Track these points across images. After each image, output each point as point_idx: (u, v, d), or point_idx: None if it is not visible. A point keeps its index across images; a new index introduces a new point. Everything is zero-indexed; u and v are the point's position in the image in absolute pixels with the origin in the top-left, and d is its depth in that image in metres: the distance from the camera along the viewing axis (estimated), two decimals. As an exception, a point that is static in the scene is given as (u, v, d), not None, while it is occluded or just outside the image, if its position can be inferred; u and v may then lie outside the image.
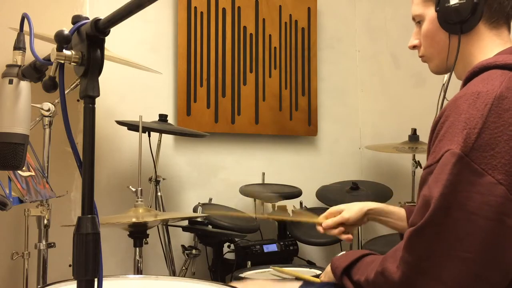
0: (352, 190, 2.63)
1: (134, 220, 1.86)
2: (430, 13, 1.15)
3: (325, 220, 1.42)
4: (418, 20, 1.19)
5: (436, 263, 0.92)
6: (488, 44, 1.10)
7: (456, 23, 1.09)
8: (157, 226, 2.26)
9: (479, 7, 1.07)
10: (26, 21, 0.96)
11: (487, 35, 1.10)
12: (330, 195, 2.67)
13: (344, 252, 1.26)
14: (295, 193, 2.66)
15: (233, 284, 1.40)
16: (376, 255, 1.15)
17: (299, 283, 1.34)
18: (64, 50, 0.78)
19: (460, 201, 0.90)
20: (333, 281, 1.23)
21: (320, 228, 1.43)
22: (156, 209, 2.25)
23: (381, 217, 1.42)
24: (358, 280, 1.09)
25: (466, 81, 1.05)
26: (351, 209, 1.40)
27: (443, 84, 1.19)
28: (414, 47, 1.22)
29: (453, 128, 0.94)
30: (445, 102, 1.04)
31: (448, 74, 1.16)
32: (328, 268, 1.28)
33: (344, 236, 1.41)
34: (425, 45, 1.19)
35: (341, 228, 1.40)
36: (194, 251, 2.26)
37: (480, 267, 0.90)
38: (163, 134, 2.34)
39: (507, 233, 0.89)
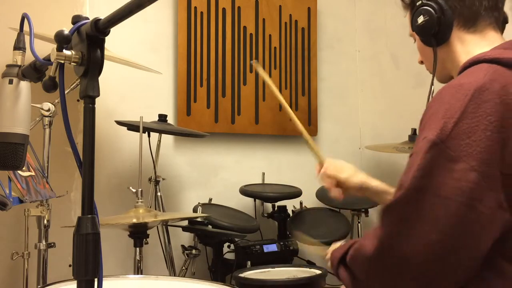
0: (352, 190, 2.62)
1: (134, 220, 1.86)
2: None
3: (328, 165, 1.45)
4: (414, 40, 1.27)
5: (404, 241, 0.94)
6: (474, 48, 1.12)
7: (430, 37, 1.16)
8: (157, 226, 2.26)
9: (445, 18, 1.13)
10: (26, 21, 0.96)
11: (470, 39, 1.14)
12: (330, 195, 2.67)
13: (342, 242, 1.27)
14: (295, 193, 2.66)
15: None
16: None
17: None
18: (64, 50, 0.78)
19: (433, 185, 0.92)
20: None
21: (318, 168, 1.48)
22: (156, 209, 2.25)
23: (377, 197, 1.43)
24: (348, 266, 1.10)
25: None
26: (354, 177, 1.42)
27: (430, 93, 1.24)
28: (421, 62, 1.29)
29: (433, 118, 0.96)
30: None
31: (431, 84, 1.23)
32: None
33: (334, 191, 1.43)
34: (423, 60, 1.27)
35: (335, 181, 1.43)
36: (194, 251, 2.26)
37: (447, 250, 0.92)
38: (163, 134, 2.34)
39: (477, 219, 0.91)
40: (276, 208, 2.64)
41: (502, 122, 0.92)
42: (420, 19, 1.16)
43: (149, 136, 2.25)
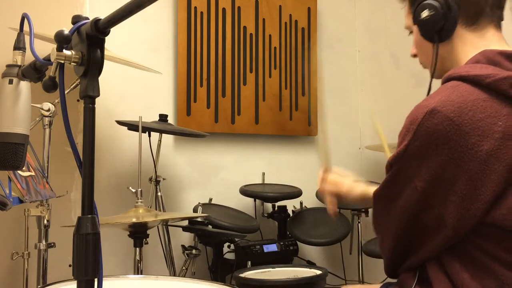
0: (352, 190, 2.62)
1: (134, 220, 1.86)
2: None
3: (328, 180, 1.46)
4: (410, 31, 1.26)
5: (381, 223, 1.15)
6: (470, 48, 1.12)
7: (433, 33, 1.14)
8: (157, 226, 2.26)
9: (451, 14, 1.11)
10: (26, 21, 0.96)
11: (469, 38, 1.13)
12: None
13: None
14: (295, 193, 2.66)
15: None
16: None
17: None
18: (64, 50, 0.78)
19: (394, 194, 1.07)
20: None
21: (321, 174, 1.49)
22: (156, 209, 2.24)
23: None
24: None
25: None
26: (353, 192, 1.42)
27: (429, 90, 1.23)
28: (414, 55, 1.28)
29: (399, 138, 1.05)
30: None
31: (430, 81, 1.21)
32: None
33: (330, 207, 1.43)
34: (418, 53, 1.25)
35: (335, 198, 1.44)
36: (194, 251, 2.26)
37: (404, 242, 1.10)
38: (163, 134, 2.34)
39: (423, 227, 1.04)
40: (276, 208, 2.64)
41: (452, 145, 0.95)
42: (425, 13, 1.13)
43: (149, 136, 2.25)
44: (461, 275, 1.00)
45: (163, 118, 2.32)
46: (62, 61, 0.78)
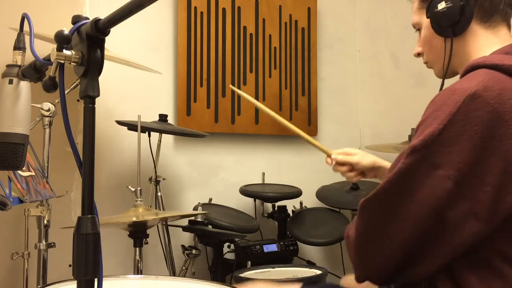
0: (352, 190, 2.63)
1: (134, 219, 1.86)
2: (425, 19, 1.18)
3: (337, 154, 1.48)
4: (417, 28, 1.23)
5: (377, 234, 1.01)
6: (484, 44, 1.10)
7: (448, 27, 1.11)
8: (157, 226, 2.26)
9: (468, 8, 1.09)
10: (26, 21, 0.96)
11: (482, 35, 1.11)
12: (330, 195, 2.67)
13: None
14: (295, 193, 2.66)
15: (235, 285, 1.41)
16: None
17: (300, 285, 1.35)
18: (64, 50, 0.78)
19: (410, 188, 0.95)
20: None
21: (328, 160, 1.50)
22: (156, 209, 2.24)
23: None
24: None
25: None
26: (365, 157, 1.47)
27: (442, 87, 1.20)
28: (418, 54, 1.25)
29: (425, 122, 0.97)
30: None
31: (445, 78, 1.17)
32: None
33: (349, 174, 1.47)
34: (426, 51, 1.21)
35: (349, 167, 1.47)
36: (194, 251, 2.26)
37: (413, 248, 0.97)
38: (163, 134, 2.34)
39: (443, 226, 0.94)
40: (276, 208, 2.64)
41: (489, 133, 0.91)
42: (442, 5, 1.10)
43: (149, 136, 2.25)
44: (467, 278, 0.96)
45: (163, 118, 2.32)
46: (62, 61, 0.78)
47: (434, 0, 1.12)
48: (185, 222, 2.28)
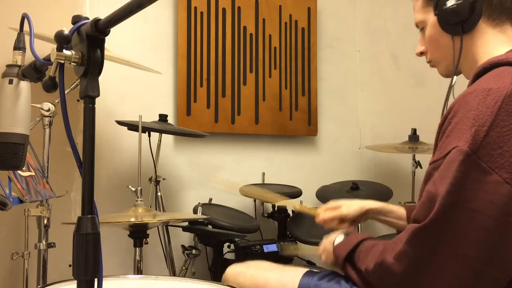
0: (352, 190, 2.63)
1: (132, 219, 1.86)
2: (431, 17, 1.16)
3: (323, 212, 1.44)
4: (421, 27, 1.21)
5: (439, 259, 0.92)
6: (491, 42, 1.09)
7: (456, 24, 1.09)
8: (157, 226, 2.26)
9: (478, 5, 1.07)
10: (26, 21, 0.96)
11: (490, 33, 1.10)
12: (330, 195, 2.67)
13: (342, 235, 1.26)
14: (295, 193, 2.66)
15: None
16: (374, 239, 1.14)
17: (303, 270, 1.33)
18: (64, 50, 0.78)
19: (465, 199, 0.89)
20: (332, 263, 1.24)
21: (318, 220, 1.47)
22: (156, 209, 2.25)
23: (380, 216, 1.42)
24: (359, 269, 1.10)
25: (476, 77, 1.03)
26: (351, 206, 1.42)
27: (452, 85, 1.18)
28: (421, 53, 1.23)
29: (461, 125, 0.92)
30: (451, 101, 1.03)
31: (454, 75, 1.16)
32: (329, 247, 1.27)
33: (341, 226, 1.43)
34: (430, 50, 1.19)
35: (339, 219, 1.43)
36: (194, 251, 2.26)
37: (482, 265, 0.90)
38: (163, 134, 2.34)
39: (510, 232, 0.89)
40: (276, 208, 2.64)
41: None
42: (451, 1, 1.08)
43: (149, 136, 2.25)
44: None
45: (163, 118, 2.32)
46: (62, 61, 0.78)
47: None
48: (185, 222, 2.28)
